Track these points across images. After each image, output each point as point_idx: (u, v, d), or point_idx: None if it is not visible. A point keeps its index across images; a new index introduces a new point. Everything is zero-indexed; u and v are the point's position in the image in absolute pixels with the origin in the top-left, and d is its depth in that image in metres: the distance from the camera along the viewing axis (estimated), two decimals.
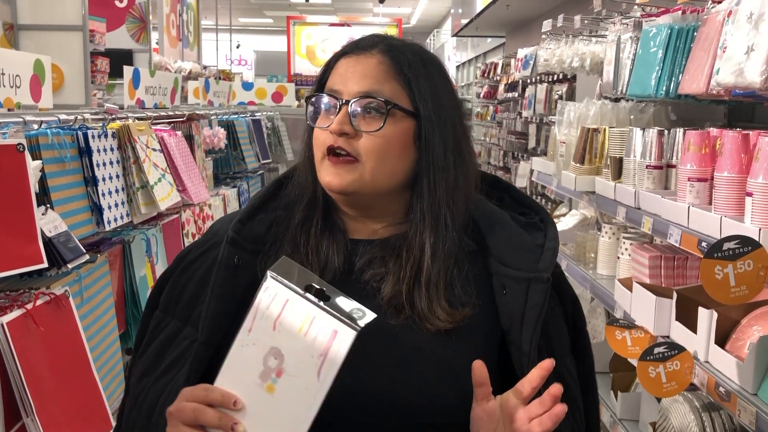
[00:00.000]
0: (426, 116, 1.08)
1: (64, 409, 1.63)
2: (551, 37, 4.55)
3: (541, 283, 1.05)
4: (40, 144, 1.81)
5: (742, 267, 1.74)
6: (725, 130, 2.13)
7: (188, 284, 1.12)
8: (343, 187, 1.06)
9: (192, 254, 1.14)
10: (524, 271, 1.06)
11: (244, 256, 1.07)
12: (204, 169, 3.17)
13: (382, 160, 1.07)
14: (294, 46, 13.27)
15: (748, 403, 1.73)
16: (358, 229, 1.13)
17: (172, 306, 1.13)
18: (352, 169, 1.06)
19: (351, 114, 1.06)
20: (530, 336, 1.03)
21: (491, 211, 1.14)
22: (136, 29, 7.00)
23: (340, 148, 1.06)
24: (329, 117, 1.08)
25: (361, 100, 1.07)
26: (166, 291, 1.15)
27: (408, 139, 1.08)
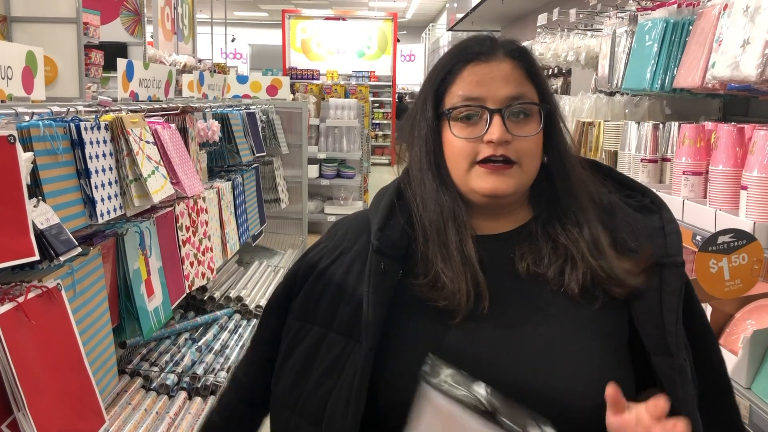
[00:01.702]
0: (553, 110, 1.13)
1: (56, 404, 1.62)
2: (546, 31, 4.54)
3: (676, 267, 1.07)
4: (32, 136, 1.79)
5: (737, 260, 1.74)
6: (720, 124, 2.13)
7: (325, 291, 1.16)
8: (507, 191, 1.10)
9: (323, 262, 1.18)
10: (654, 255, 1.08)
11: (387, 262, 1.11)
12: (198, 162, 3.16)
13: (535, 160, 1.12)
14: (289, 40, 13.22)
15: (742, 397, 1.73)
16: (485, 226, 1.16)
17: (310, 313, 1.16)
18: (511, 174, 1.10)
19: (505, 120, 1.09)
20: (675, 319, 1.05)
21: (606, 197, 1.16)
22: (130, 22, 6.96)
23: (502, 156, 1.09)
24: (472, 127, 1.11)
25: (514, 106, 1.10)
26: (301, 299, 1.18)
27: (542, 138, 1.12)
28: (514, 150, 1.09)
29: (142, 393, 2.53)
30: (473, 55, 1.12)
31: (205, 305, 3.61)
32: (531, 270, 1.10)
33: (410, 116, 1.20)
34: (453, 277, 1.07)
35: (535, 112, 1.11)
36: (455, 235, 1.11)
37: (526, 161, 1.10)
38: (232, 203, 3.60)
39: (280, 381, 1.18)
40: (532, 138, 1.10)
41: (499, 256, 1.12)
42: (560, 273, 1.09)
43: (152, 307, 2.39)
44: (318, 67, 12.37)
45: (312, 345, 1.14)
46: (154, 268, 2.44)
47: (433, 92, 1.15)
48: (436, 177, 1.14)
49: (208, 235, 3.07)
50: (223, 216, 3.38)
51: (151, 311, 2.37)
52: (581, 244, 1.10)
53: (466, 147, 1.11)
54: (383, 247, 1.11)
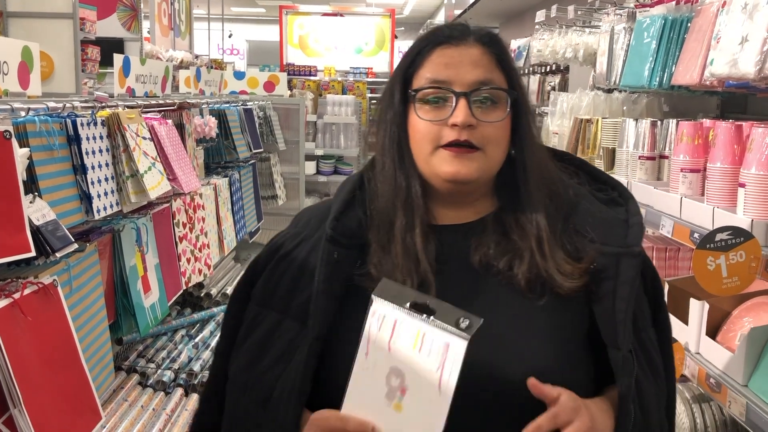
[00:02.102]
0: (522, 100, 1.13)
1: (53, 400, 1.62)
2: (544, 27, 4.53)
3: (633, 257, 1.07)
4: (28, 131, 1.78)
5: (735, 258, 1.74)
6: (718, 121, 2.13)
7: (284, 276, 1.16)
8: (469, 177, 1.09)
9: (285, 247, 1.18)
10: (613, 246, 1.08)
11: (341, 251, 1.10)
12: (195, 158, 3.15)
13: (500, 148, 1.11)
14: (286, 36, 13.19)
15: (739, 394, 1.73)
16: (447, 215, 1.16)
17: (268, 299, 1.16)
18: (475, 158, 1.09)
19: (471, 104, 1.08)
20: (624, 308, 1.05)
21: (574, 188, 1.16)
22: (127, 18, 6.94)
23: (466, 140, 1.08)
24: (438, 110, 1.10)
25: (481, 91, 1.09)
26: (261, 284, 1.18)
27: (509, 123, 1.12)
28: (479, 135, 1.09)
29: (138, 389, 2.53)
30: (443, 38, 1.12)
31: (202, 302, 3.60)
32: (483, 262, 1.10)
33: (379, 102, 1.20)
34: (392, 269, 1.08)
35: (502, 100, 1.11)
36: (402, 222, 1.11)
37: (490, 147, 1.10)
38: (229, 200, 3.59)
39: (235, 363, 1.18)
40: (498, 125, 1.10)
41: (457, 247, 1.12)
42: (509, 267, 1.10)
43: (149, 303, 2.39)
44: (315, 63, 12.34)
45: (268, 330, 1.14)
46: (151, 264, 2.44)
47: (402, 75, 1.14)
48: (396, 161, 1.13)
49: (205, 232, 3.06)
50: (220, 212, 3.38)
51: (147, 308, 2.37)
52: (530, 242, 1.10)
53: (431, 130, 1.10)
54: (337, 235, 1.10)
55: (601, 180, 1.21)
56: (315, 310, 1.08)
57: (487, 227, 1.13)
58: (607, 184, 1.20)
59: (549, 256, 1.08)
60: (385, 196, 1.13)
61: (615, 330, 1.05)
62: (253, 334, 1.16)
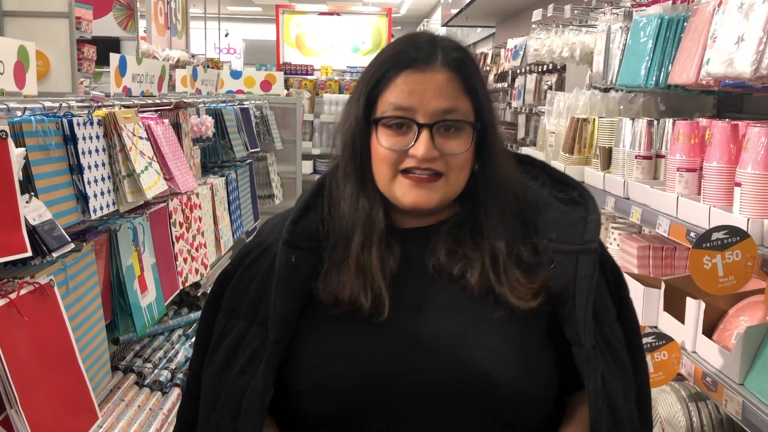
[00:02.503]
0: (488, 123, 1.13)
1: (49, 400, 1.61)
2: (541, 27, 4.53)
3: (589, 254, 1.08)
4: (24, 131, 1.77)
5: (731, 257, 1.74)
6: (714, 121, 2.13)
7: (250, 285, 1.16)
8: (427, 204, 1.10)
9: (251, 256, 1.18)
10: (572, 244, 1.09)
11: (300, 254, 1.11)
12: (192, 158, 3.14)
13: (463, 172, 1.12)
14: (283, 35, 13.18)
15: (735, 393, 1.74)
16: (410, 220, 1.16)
17: (235, 308, 1.17)
18: (436, 187, 1.10)
19: (433, 135, 1.08)
20: (584, 304, 1.06)
21: (533, 189, 1.17)
22: (123, 17, 6.92)
23: (427, 169, 1.09)
24: (401, 137, 1.10)
25: (443, 122, 1.09)
26: (228, 293, 1.19)
27: (473, 149, 1.12)
28: (441, 163, 1.09)
29: (135, 389, 2.53)
30: (410, 61, 1.10)
31: (199, 301, 3.60)
32: (437, 267, 1.11)
33: (344, 111, 1.19)
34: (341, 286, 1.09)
35: (467, 128, 1.10)
36: (359, 240, 1.11)
37: (453, 174, 1.11)
38: (225, 199, 3.59)
39: (206, 376, 1.18)
40: (465, 153, 1.10)
41: (416, 250, 1.13)
42: (462, 274, 1.10)
43: (145, 303, 2.38)
44: (312, 62, 12.33)
45: (236, 339, 1.15)
46: (148, 264, 2.43)
47: (366, 96, 1.13)
48: (358, 185, 1.14)
49: (202, 231, 3.06)
50: (217, 212, 3.37)
51: (144, 307, 2.37)
52: (484, 256, 1.10)
53: (391, 156, 1.10)
54: (294, 239, 1.11)
55: (563, 181, 1.22)
56: (273, 313, 1.09)
57: (443, 233, 1.14)
58: (568, 184, 1.21)
59: (503, 275, 1.09)
60: (346, 215, 1.14)
61: (576, 328, 1.06)
62: (222, 344, 1.16)
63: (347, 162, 1.15)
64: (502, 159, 1.15)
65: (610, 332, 1.13)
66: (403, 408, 1.05)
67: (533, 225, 1.14)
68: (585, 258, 1.07)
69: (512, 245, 1.12)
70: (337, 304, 1.09)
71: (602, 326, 1.11)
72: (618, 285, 1.19)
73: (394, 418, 1.05)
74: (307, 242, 1.12)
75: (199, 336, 1.24)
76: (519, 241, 1.12)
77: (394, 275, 1.10)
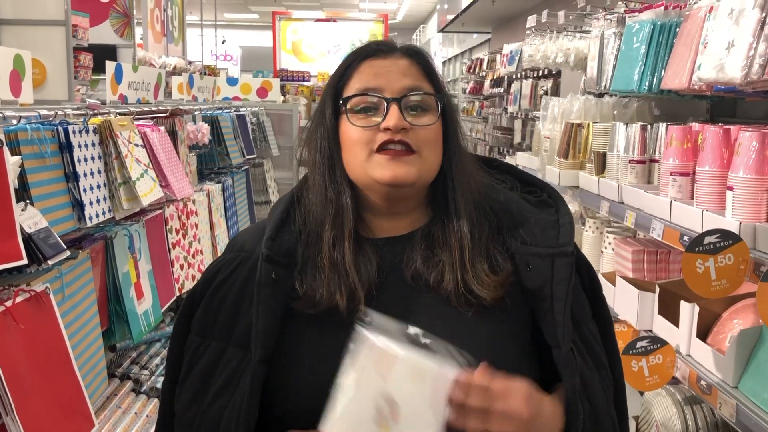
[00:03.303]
0: (448, 111, 1.15)
1: (45, 408, 1.62)
2: (536, 32, 4.55)
3: (566, 257, 1.09)
4: (20, 139, 1.79)
5: (723, 261, 1.75)
6: (707, 125, 2.14)
7: (223, 304, 1.13)
8: (407, 178, 1.10)
9: (221, 274, 1.15)
10: (547, 247, 1.09)
11: (279, 271, 1.09)
12: (188, 165, 3.15)
13: (433, 151, 1.13)
14: (279, 42, 13.21)
15: (729, 396, 1.75)
16: (384, 227, 1.16)
17: (209, 328, 1.14)
18: (411, 161, 1.10)
19: (402, 110, 1.10)
20: (562, 308, 1.07)
21: (505, 193, 1.18)
22: (119, 24, 6.93)
23: (401, 141, 1.09)
24: (371, 117, 1.12)
25: (411, 97, 1.11)
26: (200, 314, 1.15)
27: (440, 132, 1.14)
28: (413, 137, 1.10)
29: (132, 396, 2.53)
30: (371, 51, 1.15)
31: None
32: (414, 276, 1.12)
33: (311, 120, 1.21)
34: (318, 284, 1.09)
35: (432, 106, 1.13)
36: (330, 235, 1.11)
37: (425, 150, 1.11)
38: (222, 205, 3.59)
39: (180, 399, 1.16)
40: (432, 128, 1.12)
41: (392, 259, 1.13)
42: (438, 281, 1.11)
43: (142, 310, 2.39)
44: (309, 68, 12.36)
45: (211, 361, 1.12)
46: (144, 271, 2.44)
47: (332, 90, 1.16)
48: (327, 175, 1.14)
49: (198, 238, 3.07)
50: (213, 218, 3.38)
51: (140, 314, 2.37)
52: (453, 255, 1.11)
53: (364, 135, 1.11)
54: (274, 255, 1.09)
55: (531, 183, 1.23)
56: (256, 333, 1.07)
57: (417, 240, 1.14)
58: (536, 186, 1.22)
59: (468, 267, 1.10)
60: (316, 211, 1.14)
61: (555, 330, 1.07)
62: (196, 366, 1.14)
63: (315, 157, 1.16)
64: (465, 154, 1.17)
65: (587, 330, 1.14)
66: None
67: (506, 227, 1.14)
68: (561, 261, 1.08)
69: (479, 237, 1.12)
70: (313, 305, 1.09)
71: (579, 325, 1.12)
72: (592, 282, 1.20)
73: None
74: (285, 258, 1.11)
75: (170, 361, 1.20)
76: (486, 236, 1.13)
77: (373, 284, 1.10)
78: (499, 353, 1.07)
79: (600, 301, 1.22)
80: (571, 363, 1.06)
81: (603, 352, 1.17)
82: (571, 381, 1.06)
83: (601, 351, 1.17)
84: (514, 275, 1.11)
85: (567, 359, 1.06)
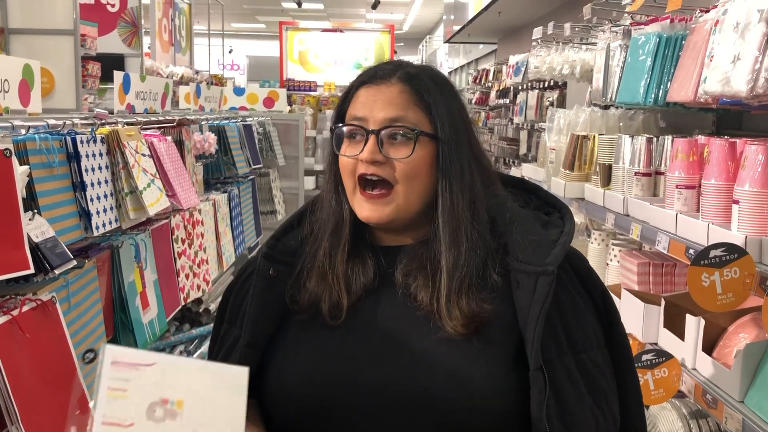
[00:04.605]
0: (444, 139, 1.15)
1: (50, 417, 1.62)
2: (542, 44, 4.57)
3: (547, 275, 1.08)
4: (28, 149, 1.80)
5: (729, 274, 1.75)
6: (712, 138, 2.14)
7: (246, 296, 1.22)
8: (382, 221, 1.16)
9: (248, 269, 1.26)
10: (534, 265, 1.10)
11: (279, 267, 1.19)
12: (194, 174, 3.16)
13: (412, 184, 1.15)
14: (286, 52, 13.26)
15: (735, 410, 1.74)
16: (387, 237, 1.22)
17: (234, 316, 1.25)
18: (387, 201, 1.15)
19: (379, 142, 1.14)
20: (534, 326, 1.06)
21: (511, 210, 1.18)
22: (127, 34, 6.98)
23: (373, 174, 1.14)
24: (356, 145, 1.17)
25: (388, 129, 1.14)
26: (229, 305, 1.27)
27: (432, 160, 1.16)
28: (388, 171, 1.14)
29: None
30: (368, 77, 1.19)
31: (201, 318, 3.60)
32: (403, 287, 1.16)
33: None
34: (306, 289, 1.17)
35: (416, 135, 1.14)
36: (327, 244, 1.19)
37: (405, 183, 1.14)
38: (228, 215, 3.60)
39: None
40: (410, 160, 1.13)
41: (387, 266, 1.19)
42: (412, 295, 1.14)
43: (147, 319, 2.39)
44: (315, 78, 12.40)
45: (231, 345, 1.22)
46: (150, 280, 2.44)
47: (337, 111, 1.22)
48: (333, 189, 1.22)
49: (204, 248, 3.07)
50: (219, 228, 3.39)
51: (146, 324, 2.37)
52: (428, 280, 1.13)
53: (348, 164, 1.18)
54: (274, 252, 1.19)
55: (552, 204, 1.24)
56: (247, 319, 1.17)
57: (410, 253, 1.18)
58: (556, 207, 1.24)
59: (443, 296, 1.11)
60: (322, 220, 1.22)
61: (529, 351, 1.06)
62: (221, 350, 1.24)
63: (327, 172, 1.25)
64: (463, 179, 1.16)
65: (587, 358, 1.11)
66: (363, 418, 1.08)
67: (504, 246, 1.15)
68: (543, 279, 1.07)
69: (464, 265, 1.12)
70: (299, 306, 1.17)
71: (577, 352, 1.10)
72: (607, 309, 1.18)
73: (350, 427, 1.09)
74: (287, 257, 1.20)
75: (209, 348, 1.32)
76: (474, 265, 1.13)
77: (366, 288, 1.16)
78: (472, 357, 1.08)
79: (615, 324, 1.19)
80: (537, 382, 1.05)
81: (611, 382, 1.14)
82: (537, 399, 1.04)
83: (607, 381, 1.14)
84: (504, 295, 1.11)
85: (534, 378, 1.05)
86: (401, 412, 1.07)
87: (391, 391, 1.08)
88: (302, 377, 1.12)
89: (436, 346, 1.09)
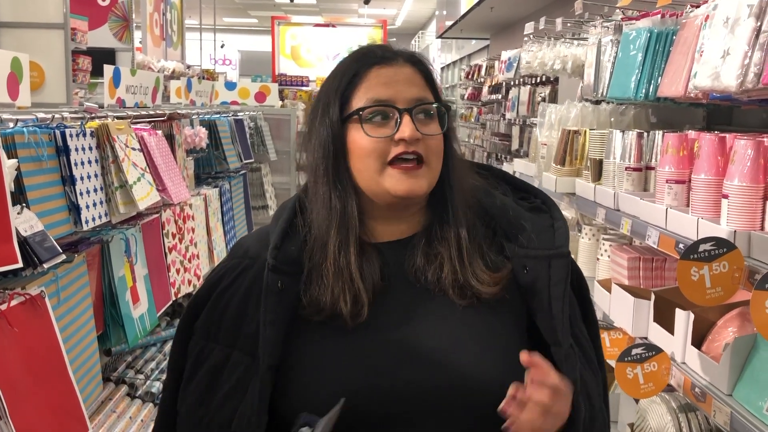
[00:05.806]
0: (449, 114, 1.19)
1: (39, 412, 1.61)
2: (534, 39, 4.57)
3: (563, 258, 1.13)
4: (17, 143, 1.78)
5: (718, 268, 1.75)
6: (703, 133, 2.15)
7: (227, 309, 1.16)
8: (421, 192, 1.14)
9: (225, 280, 1.17)
10: (544, 249, 1.13)
11: (285, 279, 1.11)
12: (185, 169, 3.15)
13: (440, 159, 1.17)
14: (278, 46, 13.23)
15: (723, 403, 1.75)
16: (385, 232, 1.19)
17: (213, 332, 1.16)
18: (422, 174, 1.14)
19: (414, 119, 1.13)
20: (561, 307, 1.11)
21: (500, 198, 1.21)
22: (118, 28, 6.94)
23: (414, 152, 1.13)
24: (382, 127, 1.14)
25: (422, 106, 1.15)
26: (204, 318, 1.17)
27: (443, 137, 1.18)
28: (424, 148, 1.14)
29: (127, 401, 2.52)
30: (377, 58, 1.17)
31: None
32: (416, 276, 1.15)
33: (308, 124, 1.22)
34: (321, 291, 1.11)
35: (435, 114, 1.17)
36: (336, 242, 1.14)
37: (433, 160, 1.15)
38: (219, 210, 3.60)
39: (185, 401, 1.18)
40: (439, 138, 1.16)
41: (397, 263, 1.17)
42: (437, 277, 1.15)
43: (138, 314, 2.39)
44: (307, 73, 12.37)
45: (216, 364, 1.14)
46: (140, 275, 2.44)
47: (339, 96, 1.16)
48: (331, 182, 1.16)
49: (195, 242, 3.07)
50: (210, 223, 3.38)
51: (136, 318, 2.37)
52: (450, 250, 1.15)
53: (377, 146, 1.13)
54: (280, 264, 1.11)
55: (524, 189, 1.26)
56: (264, 341, 1.09)
57: (417, 241, 1.18)
58: (530, 192, 1.25)
59: (467, 264, 1.14)
60: (320, 218, 1.15)
61: (554, 329, 1.11)
62: (201, 368, 1.16)
63: (318, 162, 1.17)
64: (460, 159, 1.21)
65: (579, 331, 1.19)
66: (396, 420, 1.07)
67: (502, 231, 1.18)
68: (558, 262, 1.12)
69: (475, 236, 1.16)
70: (318, 311, 1.11)
71: (572, 325, 1.16)
72: (581, 286, 1.24)
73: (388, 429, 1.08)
74: (291, 266, 1.13)
75: (172, 362, 1.22)
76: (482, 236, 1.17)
77: (377, 287, 1.13)
78: (495, 344, 1.11)
79: (588, 302, 1.26)
80: (571, 359, 1.11)
81: (593, 351, 1.22)
82: (572, 377, 1.09)
83: (592, 351, 1.22)
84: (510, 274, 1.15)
85: (567, 356, 1.11)
86: (438, 409, 1.07)
87: (425, 390, 1.07)
88: (331, 390, 1.07)
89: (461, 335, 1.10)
